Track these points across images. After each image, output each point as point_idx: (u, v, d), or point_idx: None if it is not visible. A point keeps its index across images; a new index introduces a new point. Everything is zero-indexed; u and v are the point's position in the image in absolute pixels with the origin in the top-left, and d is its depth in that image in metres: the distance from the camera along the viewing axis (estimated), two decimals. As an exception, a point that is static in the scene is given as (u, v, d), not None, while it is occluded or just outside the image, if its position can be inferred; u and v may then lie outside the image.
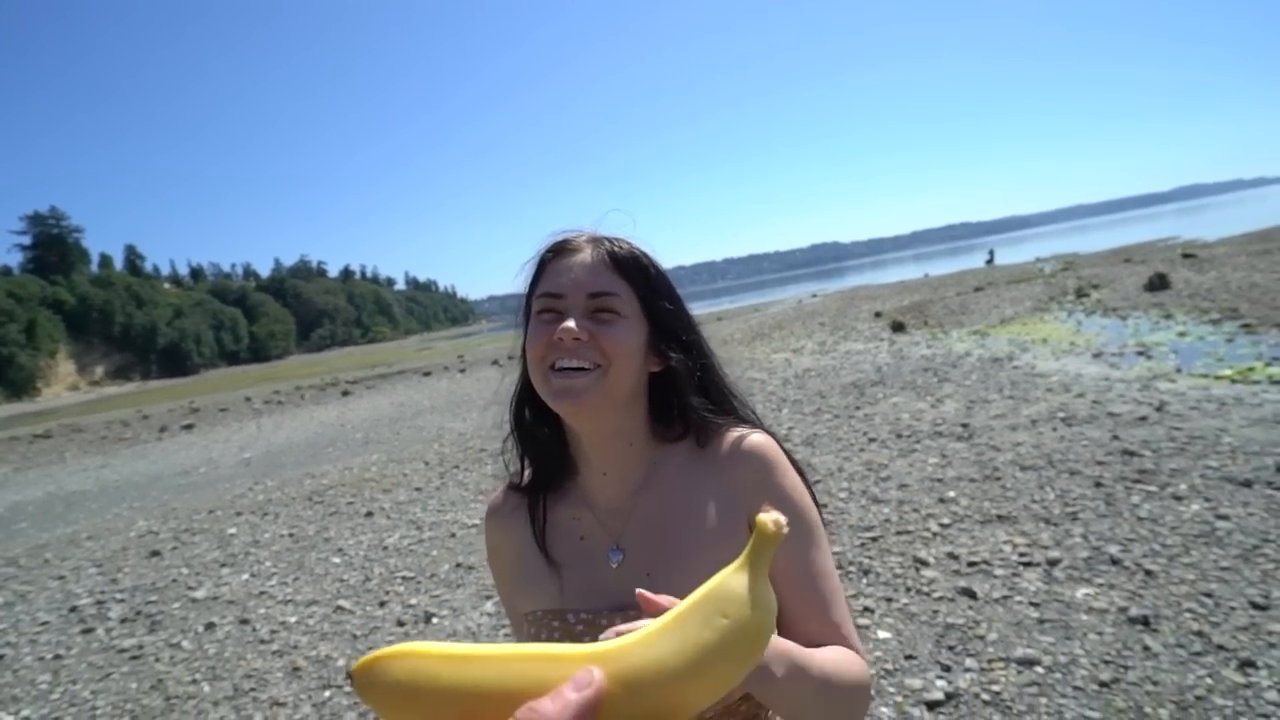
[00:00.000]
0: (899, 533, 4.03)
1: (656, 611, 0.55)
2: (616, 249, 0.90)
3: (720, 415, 0.94)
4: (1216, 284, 12.24)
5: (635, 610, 0.83)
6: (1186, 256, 18.53)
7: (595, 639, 0.86)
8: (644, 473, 0.93)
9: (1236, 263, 15.08)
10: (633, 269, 0.89)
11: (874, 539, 4.00)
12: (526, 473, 1.00)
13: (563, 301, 0.86)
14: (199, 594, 5.00)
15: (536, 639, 0.91)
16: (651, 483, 0.93)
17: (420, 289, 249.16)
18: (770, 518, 0.37)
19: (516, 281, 0.96)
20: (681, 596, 0.83)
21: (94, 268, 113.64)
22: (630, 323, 0.87)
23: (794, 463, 0.94)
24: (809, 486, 0.94)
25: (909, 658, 2.81)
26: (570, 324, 0.82)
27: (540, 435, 0.96)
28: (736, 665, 0.37)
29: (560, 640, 0.89)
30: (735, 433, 0.93)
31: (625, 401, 0.88)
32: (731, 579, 0.38)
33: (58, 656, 4.25)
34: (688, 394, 0.91)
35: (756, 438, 0.92)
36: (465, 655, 0.35)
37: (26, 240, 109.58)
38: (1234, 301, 10.15)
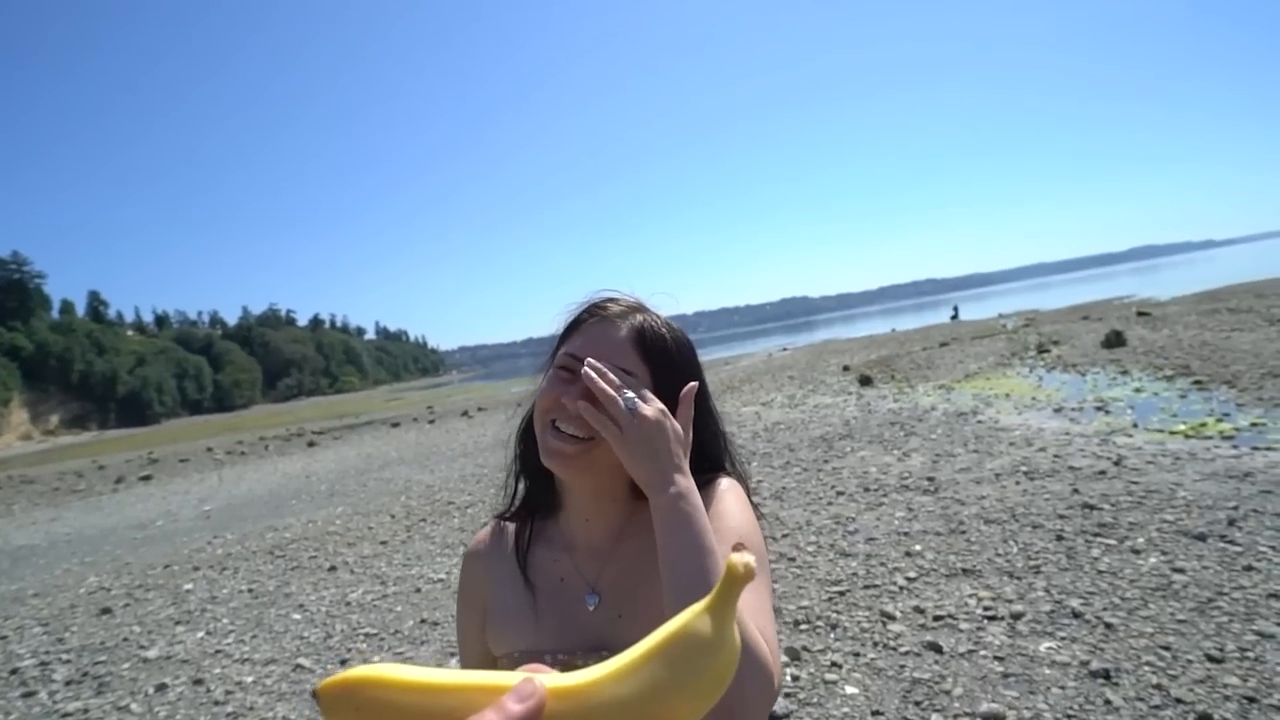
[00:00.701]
0: (866, 586, 4.05)
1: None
2: (647, 329, 0.93)
3: (699, 477, 0.95)
4: (1169, 342, 12.69)
5: (608, 651, 0.87)
6: (1141, 314, 19.21)
7: None
8: (623, 524, 0.97)
9: (1188, 321, 15.67)
10: (659, 354, 0.92)
11: (841, 593, 4.01)
12: (515, 504, 1.04)
13: (582, 367, 0.89)
14: (151, 653, 4.81)
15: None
16: (630, 532, 0.96)
17: (390, 339, 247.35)
18: (740, 559, 0.37)
19: (492, 330, 0.99)
20: (647, 632, 0.87)
21: (55, 313, 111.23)
22: None
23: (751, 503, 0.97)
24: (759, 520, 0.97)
25: (876, 714, 2.81)
26: (576, 398, 0.87)
27: (536, 465, 0.98)
28: (697, 706, 0.37)
29: None
30: (703, 480, 0.93)
31: (610, 470, 0.91)
32: (698, 620, 0.38)
33: (-4, 722, 4.05)
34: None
35: (722, 483, 0.95)
36: (429, 685, 0.35)
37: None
38: (1186, 359, 10.51)
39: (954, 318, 38.11)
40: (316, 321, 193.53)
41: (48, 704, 4.21)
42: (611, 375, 0.86)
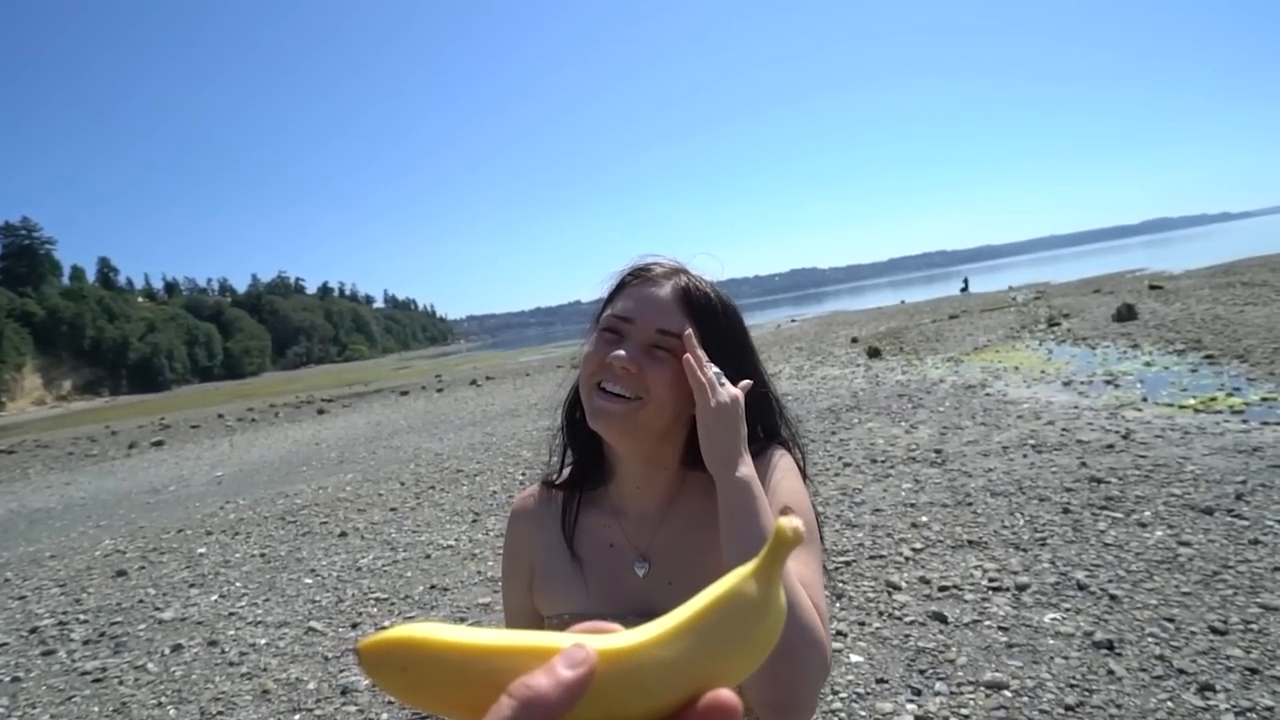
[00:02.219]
0: (872, 557, 4.07)
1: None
2: (692, 288, 0.92)
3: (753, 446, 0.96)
4: (1181, 316, 12.57)
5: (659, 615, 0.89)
6: (1153, 288, 19.01)
7: None
8: (674, 491, 0.97)
9: (1200, 295, 15.50)
10: (703, 312, 0.92)
11: (848, 563, 4.04)
12: (564, 472, 1.03)
13: (628, 326, 0.90)
14: (166, 615, 4.90)
15: None
16: (680, 500, 0.97)
17: (399, 307, 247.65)
18: (789, 523, 0.37)
19: (501, 299, 0.97)
20: None
21: (65, 280, 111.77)
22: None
23: (803, 472, 0.99)
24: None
25: (880, 681, 2.84)
26: (622, 353, 0.86)
27: (585, 437, 0.99)
28: (740, 669, 0.37)
29: None
30: (755, 450, 0.94)
31: (660, 433, 0.91)
32: (746, 583, 0.37)
33: (16, 679, 4.14)
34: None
35: (774, 457, 0.96)
36: (477, 645, 0.35)
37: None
38: (1198, 333, 10.42)
39: (964, 290, 37.81)
40: (325, 290, 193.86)
41: (67, 662, 4.31)
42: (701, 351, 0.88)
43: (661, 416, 0.89)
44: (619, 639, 0.36)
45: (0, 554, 7.59)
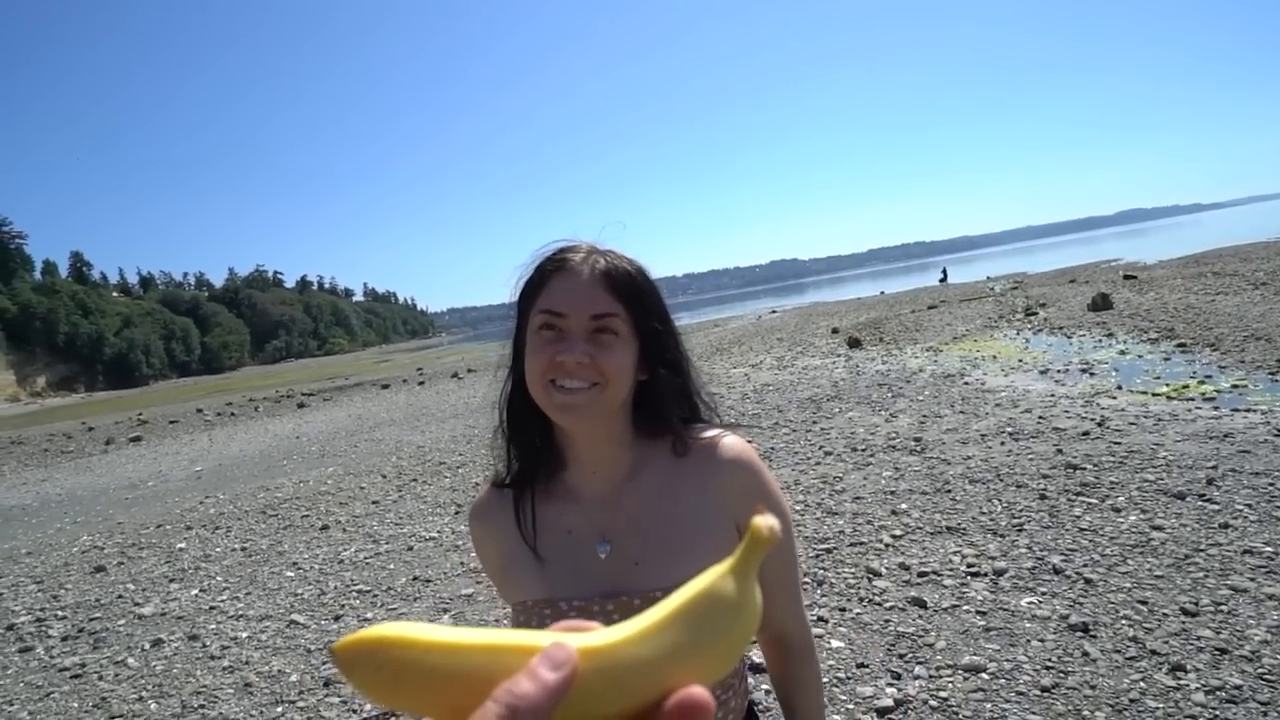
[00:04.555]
0: (853, 544, 4.11)
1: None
2: (613, 269, 0.93)
3: (695, 423, 1.01)
4: (1155, 305, 12.77)
5: (626, 596, 0.91)
6: (1128, 278, 19.30)
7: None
8: (629, 469, 0.98)
9: (1173, 285, 15.75)
10: (628, 290, 0.92)
11: (829, 550, 4.07)
12: (512, 469, 1.02)
13: (565, 321, 0.90)
14: (146, 610, 4.84)
15: (528, 627, 0.94)
16: (636, 479, 0.98)
17: (379, 300, 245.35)
18: (765, 523, 0.36)
19: (481, 292, 0.97)
20: (667, 579, 0.89)
21: (37, 275, 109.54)
22: (624, 342, 0.91)
23: None
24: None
25: (861, 666, 2.87)
26: (573, 353, 0.87)
27: (530, 433, 0.99)
28: (717, 666, 0.37)
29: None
30: (711, 434, 0.99)
31: (616, 409, 0.94)
32: (722, 582, 0.37)
33: (-7, 677, 4.08)
34: (670, 404, 0.97)
35: (734, 441, 0.98)
36: (453, 644, 0.34)
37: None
38: (1171, 322, 10.60)
39: (942, 281, 38.12)
40: (304, 283, 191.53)
41: (45, 659, 4.25)
42: None
43: (620, 394, 0.92)
44: (596, 637, 0.36)
45: (-26, 551, 7.45)
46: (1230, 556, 3.27)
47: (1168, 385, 6.85)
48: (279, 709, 3.27)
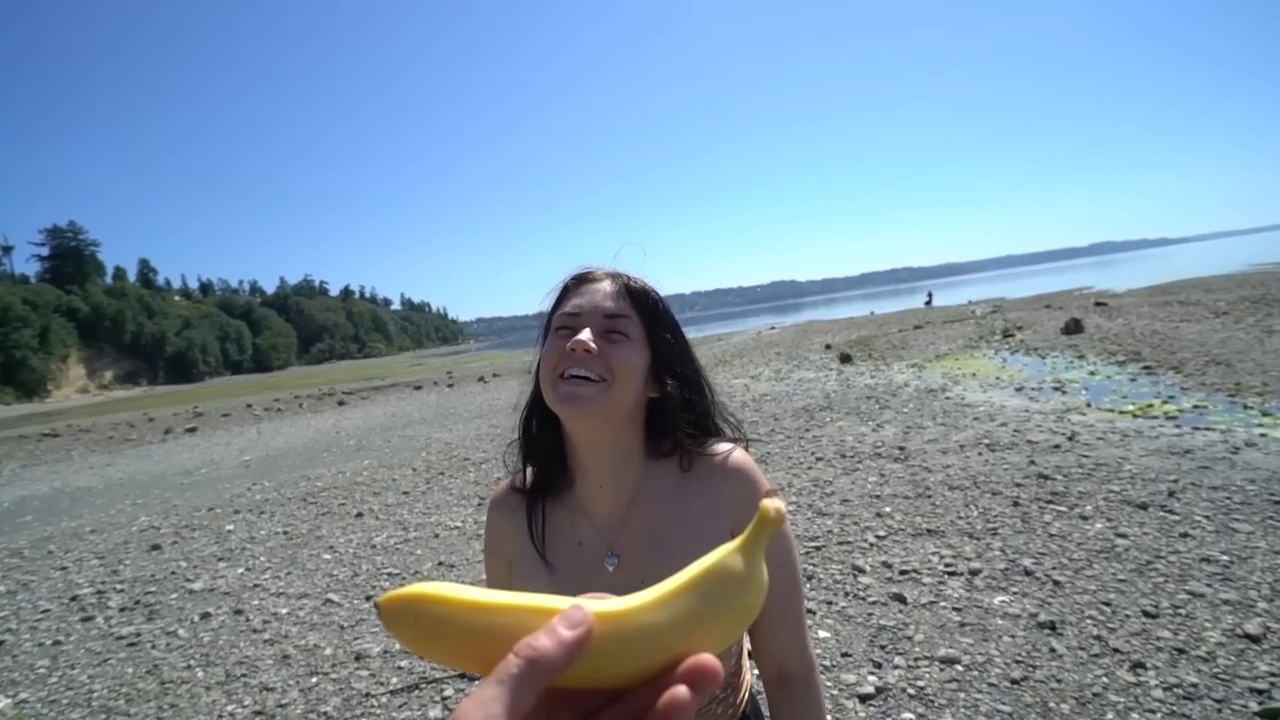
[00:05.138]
0: (840, 543, 4.09)
1: None
2: (631, 282, 0.92)
3: (703, 437, 0.95)
4: (1123, 330, 12.65)
5: None
6: (1099, 305, 19.13)
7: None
8: (636, 487, 0.93)
9: (1141, 311, 15.60)
10: (643, 301, 0.91)
11: (818, 548, 4.05)
12: (528, 476, 0.99)
13: (579, 319, 0.88)
14: (196, 586, 4.87)
15: None
16: (643, 496, 0.93)
17: (414, 309, 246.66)
18: (773, 504, 0.37)
19: (508, 302, 0.97)
20: None
21: (109, 279, 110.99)
22: (636, 346, 0.88)
23: None
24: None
25: (845, 655, 2.85)
26: (584, 335, 0.84)
27: (544, 445, 0.96)
28: (722, 636, 0.37)
29: None
30: (718, 450, 0.93)
31: (623, 418, 0.89)
32: (731, 557, 0.38)
33: (57, 643, 4.11)
34: (679, 422, 0.92)
35: (738, 455, 0.93)
36: (484, 604, 0.36)
37: (44, 251, 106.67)
38: (1137, 346, 10.49)
39: (928, 303, 37.93)
40: (347, 292, 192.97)
41: (104, 628, 4.28)
42: None
43: (627, 396, 0.87)
44: (613, 603, 0.37)
45: (45, 528, 7.53)
46: (1189, 564, 3.23)
47: (1134, 404, 6.78)
48: (314, 679, 3.28)
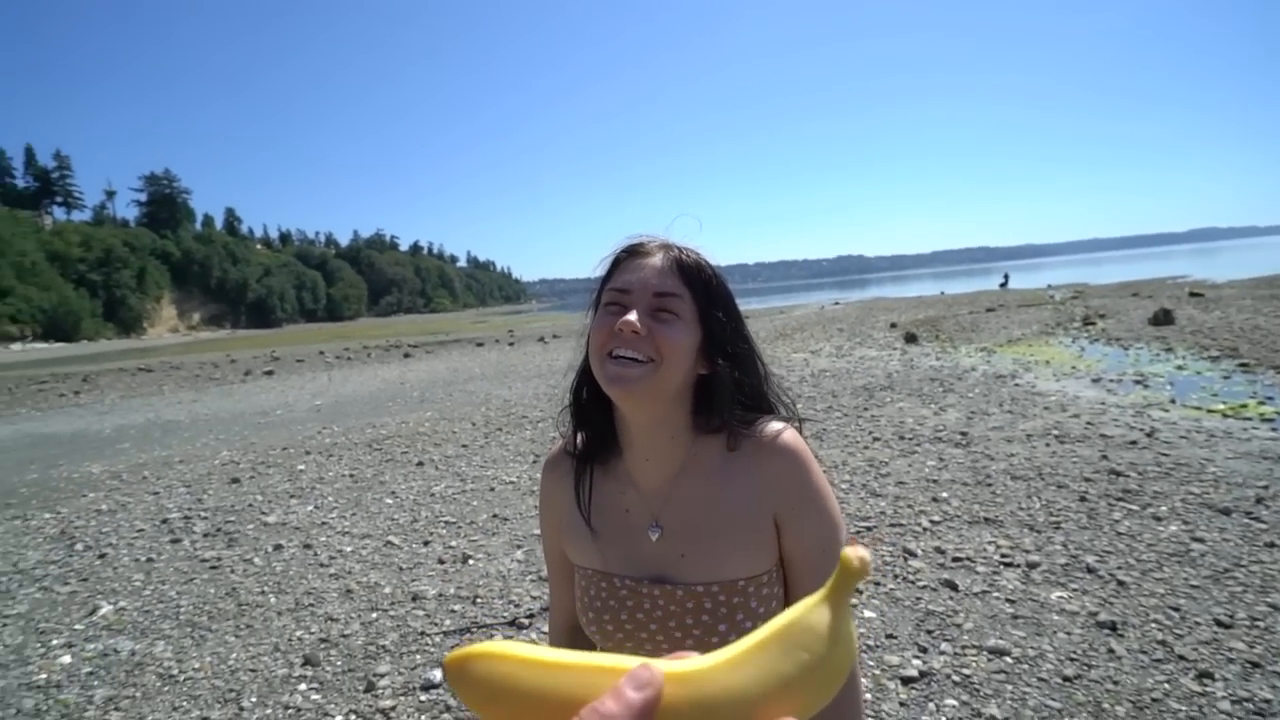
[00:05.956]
0: (892, 525, 4.02)
1: None
2: (684, 257, 0.89)
3: (753, 416, 0.93)
4: (1220, 323, 11.80)
5: (671, 585, 0.89)
6: (1194, 295, 17.87)
7: (638, 603, 0.90)
8: (682, 461, 0.93)
9: (1242, 305, 14.50)
10: (695, 277, 0.89)
11: (869, 528, 4.00)
12: (579, 441, 1.00)
13: (629, 297, 0.87)
14: (270, 519, 5.20)
15: (586, 593, 0.96)
16: (688, 471, 0.92)
17: (479, 268, 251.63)
18: (855, 554, 0.34)
19: (570, 264, 0.96)
20: (711, 574, 0.87)
21: (198, 226, 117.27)
22: (686, 325, 0.86)
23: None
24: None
25: (890, 636, 2.83)
26: (632, 316, 0.83)
27: (593, 414, 0.96)
28: (811, 700, 0.34)
29: (606, 599, 0.93)
30: (766, 429, 0.91)
31: (672, 396, 0.88)
32: (814, 613, 0.34)
33: (150, 560, 4.47)
34: (727, 401, 0.90)
35: (787, 435, 0.91)
36: (548, 663, 0.34)
37: (143, 197, 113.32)
38: (1235, 341, 9.78)
39: (1003, 285, 36.23)
40: (416, 248, 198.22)
41: (189, 550, 4.63)
42: None
43: (675, 376, 0.86)
44: (688, 664, 0.34)
45: (140, 455, 8.14)
46: (1273, 575, 3.03)
47: (1225, 403, 6.35)
48: (374, 615, 3.47)
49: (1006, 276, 40.14)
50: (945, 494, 4.45)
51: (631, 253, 0.91)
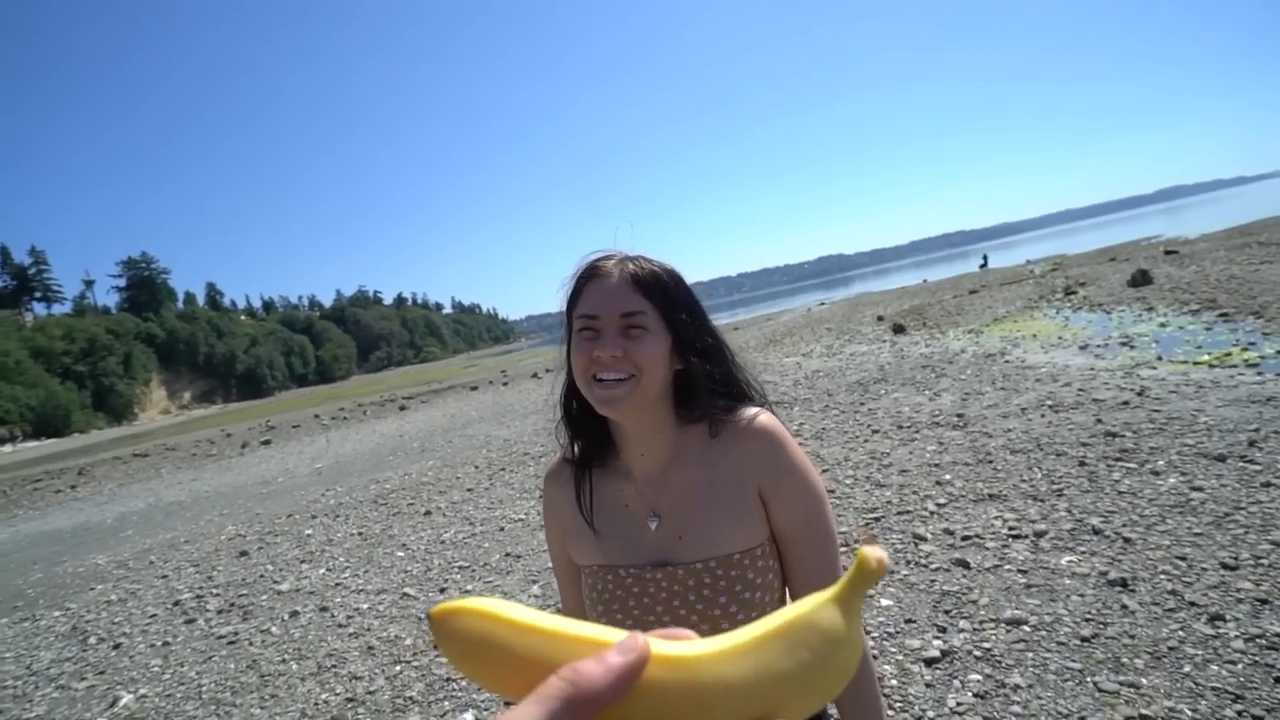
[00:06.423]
0: (899, 513, 4.06)
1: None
2: (639, 271, 0.97)
3: (730, 402, 1.01)
4: (1196, 277, 11.99)
5: (672, 566, 0.96)
6: (1168, 253, 18.13)
7: (643, 589, 0.96)
8: (672, 452, 1.00)
9: (1216, 257, 14.74)
10: (654, 289, 0.96)
11: (877, 519, 4.04)
12: (576, 449, 1.08)
13: (598, 321, 0.94)
14: (283, 587, 5.18)
15: (594, 590, 1.01)
16: (678, 460, 1.00)
17: (466, 312, 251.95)
18: (874, 554, 0.32)
19: (556, 299, 1.04)
20: (707, 551, 0.94)
21: (180, 304, 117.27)
22: (655, 336, 0.94)
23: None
24: None
25: (909, 621, 2.86)
26: (607, 347, 0.91)
27: (586, 423, 1.04)
28: (806, 702, 0.32)
29: (614, 590, 0.99)
30: (743, 414, 0.99)
31: (655, 399, 0.96)
32: (822, 611, 0.32)
33: (166, 643, 4.45)
34: (703, 391, 0.98)
35: (762, 418, 0.99)
36: (537, 628, 0.33)
37: (122, 282, 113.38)
38: (1212, 293, 9.94)
39: (983, 266, 36.61)
40: (400, 300, 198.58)
41: (205, 629, 4.61)
42: None
43: (655, 383, 0.95)
44: (685, 647, 0.32)
45: (144, 540, 8.09)
46: (1271, 513, 3.10)
47: (1209, 354, 6.46)
48: (397, 668, 3.47)
49: (985, 257, 40.56)
50: (948, 476, 4.50)
51: (591, 274, 0.98)
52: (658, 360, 0.94)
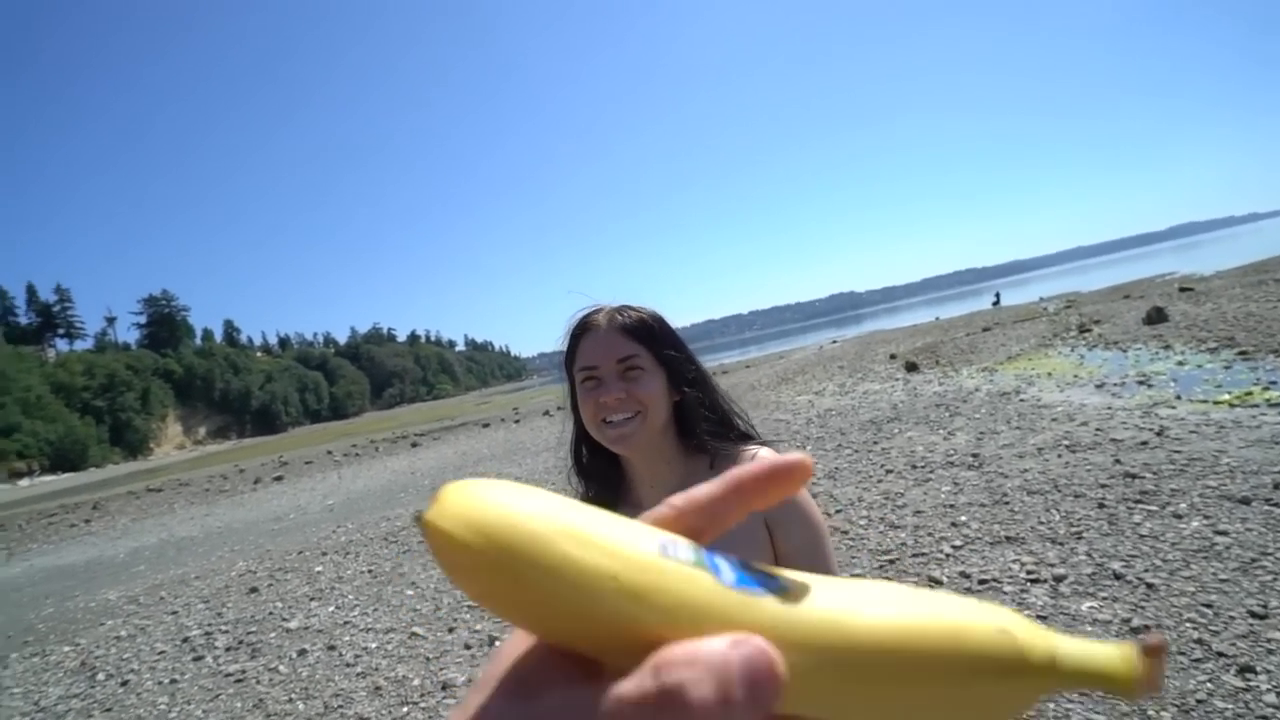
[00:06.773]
0: (915, 555, 4.00)
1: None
2: (627, 320, 1.06)
3: (727, 433, 1.10)
4: (1213, 315, 11.89)
5: None
6: (1184, 290, 18.02)
7: None
8: (680, 481, 1.06)
9: (1232, 294, 14.63)
10: (643, 332, 1.06)
11: (891, 561, 3.97)
12: (590, 494, 1.15)
13: (599, 370, 1.04)
14: (292, 625, 5.15)
15: None
16: (682, 490, 1.05)
17: (478, 349, 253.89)
18: (1129, 656, 0.22)
19: (559, 342, 1.13)
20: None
21: (198, 340, 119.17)
22: (651, 374, 1.04)
23: None
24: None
25: (926, 669, 2.79)
26: (611, 392, 1.01)
27: (597, 467, 1.13)
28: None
29: None
30: (746, 451, 1.07)
31: (660, 431, 1.05)
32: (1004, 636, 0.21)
33: (174, 681, 4.42)
34: (699, 418, 1.07)
35: (763, 453, 1.06)
36: (607, 548, 0.22)
37: (143, 319, 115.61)
38: (1230, 330, 9.84)
39: (995, 304, 36.54)
40: (414, 337, 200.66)
41: (213, 666, 4.57)
42: None
43: (659, 416, 1.04)
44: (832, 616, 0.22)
45: (156, 576, 8.09)
46: (1299, 559, 3.02)
47: (1230, 393, 6.36)
48: (405, 709, 3.42)
49: (998, 295, 40.51)
50: (964, 517, 4.43)
51: (584, 329, 1.07)
52: (658, 395, 1.03)
